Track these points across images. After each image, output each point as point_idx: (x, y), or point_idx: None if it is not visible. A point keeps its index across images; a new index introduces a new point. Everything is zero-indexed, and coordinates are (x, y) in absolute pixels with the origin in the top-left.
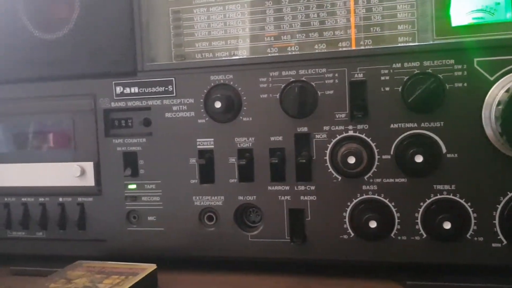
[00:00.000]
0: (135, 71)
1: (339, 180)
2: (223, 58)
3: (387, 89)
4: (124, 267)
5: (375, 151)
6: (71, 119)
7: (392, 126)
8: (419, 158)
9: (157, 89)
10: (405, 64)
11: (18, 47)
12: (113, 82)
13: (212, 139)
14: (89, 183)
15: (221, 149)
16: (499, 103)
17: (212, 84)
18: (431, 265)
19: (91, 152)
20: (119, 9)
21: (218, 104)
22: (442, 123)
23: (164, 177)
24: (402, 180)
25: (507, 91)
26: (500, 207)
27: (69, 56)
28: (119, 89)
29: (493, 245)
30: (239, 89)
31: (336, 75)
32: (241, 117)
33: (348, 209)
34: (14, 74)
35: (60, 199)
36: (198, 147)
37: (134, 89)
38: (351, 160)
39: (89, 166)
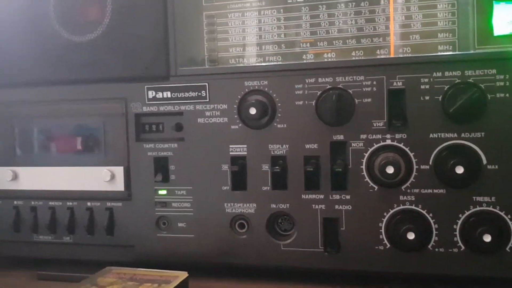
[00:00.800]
0: (168, 76)
1: (376, 189)
2: (258, 64)
3: (427, 98)
4: (155, 275)
5: (413, 161)
6: (102, 122)
7: (431, 135)
8: (460, 169)
9: (190, 94)
10: (446, 73)
11: (49, 49)
12: (145, 87)
13: (245, 146)
14: (119, 188)
15: (254, 156)
16: None
17: (246, 90)
18: (469, 278)
19: (121, 156)
20: (152, 13)
21: (253, 111)
22: (482, 133)
23: (195, 183)
24: (441, 191)
25: None
26: None
27: (101, 59)
28: (151, 94)
29: None
30: (274, 95)
31: (375, 83)
32: (275, 124)
33: (384, 220)
34: (45, 76)
35: (89, 204)
36: (231, 153)
37: (167, 94)
38: (390, 170)
39: (119, 170)
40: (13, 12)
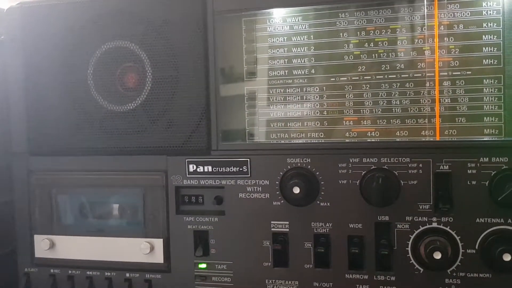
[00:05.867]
0: (209, 150)
1: (421, 272)
2: (301, 142)
3: (474, 182)
4: None
5: (460, 244)
6: (141, 194)
7: (477, 220)
8: (507, 257)
9: (231, 169)
10: (493, 159)
11: (88, 118)
12: (186, 160)
13: (287, 222)
14: (158, 260)
15: (296, 233)
16: None
17: (289, 166)
18: None
19: (161, 228)
20: (193, 86)
21: (296, 190)
22: None
23: (236, 258)
24: (487, 275)
25: None
26: None
27: (140, 130)
28: (192, 167)
29: None
30: (317, 173)
31: (421, 165)
32: (318, 202)
33: None
34: (84, 145)
35: (127, 275)
36: (273, 229)
37: (208, 168)
38: (437, 255)
39: (158, 242)
40: (51, 78)
